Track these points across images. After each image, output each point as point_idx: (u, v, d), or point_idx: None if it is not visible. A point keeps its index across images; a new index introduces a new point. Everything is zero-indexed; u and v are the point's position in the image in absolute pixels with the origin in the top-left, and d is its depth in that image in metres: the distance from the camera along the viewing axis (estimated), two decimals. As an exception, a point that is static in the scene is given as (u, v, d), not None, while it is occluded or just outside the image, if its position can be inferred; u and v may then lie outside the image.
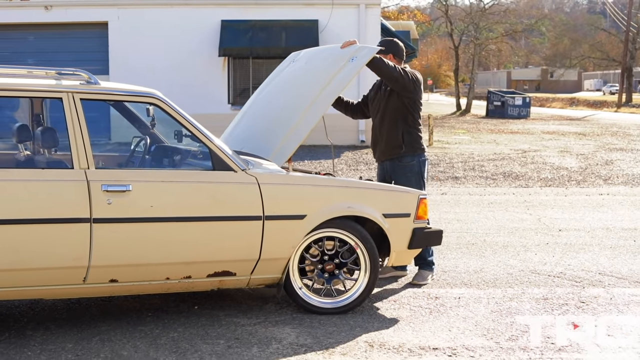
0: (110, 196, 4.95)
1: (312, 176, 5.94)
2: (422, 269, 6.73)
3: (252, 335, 5.19)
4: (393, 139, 6.66)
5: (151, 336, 5.15)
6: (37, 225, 4.81)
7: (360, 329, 5.39)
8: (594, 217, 10.37)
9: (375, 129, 6.87)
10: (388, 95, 6.65)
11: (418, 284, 6.61)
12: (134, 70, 19.62)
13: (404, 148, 6.65)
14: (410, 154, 6.67)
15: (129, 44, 20.64)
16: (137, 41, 20.64)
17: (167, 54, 20.68)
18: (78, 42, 21.13)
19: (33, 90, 5.11)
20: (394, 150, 6.68)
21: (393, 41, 6.86)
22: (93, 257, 4.94)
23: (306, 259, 5.67)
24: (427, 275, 6.70)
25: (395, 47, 6.75)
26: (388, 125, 6.68)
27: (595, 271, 7.16)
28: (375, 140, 6.88)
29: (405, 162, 6.68)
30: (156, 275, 5.21)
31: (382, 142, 6.76)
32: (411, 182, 6.56)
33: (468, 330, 5.38)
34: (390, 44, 6.77)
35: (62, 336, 5.11)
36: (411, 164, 6.67)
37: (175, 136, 5.89)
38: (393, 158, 6.71)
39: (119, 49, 20.75)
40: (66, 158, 5.09)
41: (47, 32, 21.16)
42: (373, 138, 6.93)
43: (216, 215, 5.26)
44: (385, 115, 6.69)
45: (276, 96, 6.71)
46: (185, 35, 20.76)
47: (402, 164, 6.68)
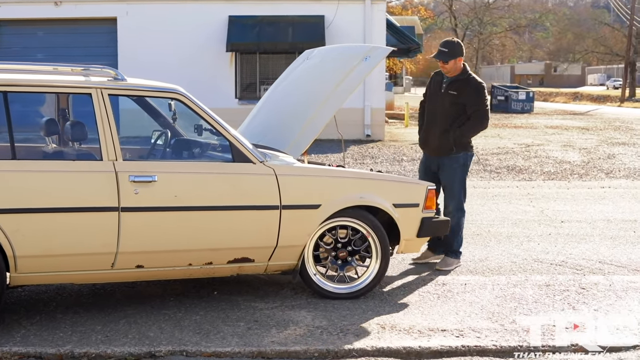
0: (137, 186, 5.26)
1: (326, 168, 6.24)
2: (447, 256, 7.07)
3: (270, 318, 5.50)
4: (446, 139, 6.94)
5: (175, 319, 5.46)
6: (68, 214, 5.13)
7: (372, 312, 5.70)
8: (595, 209, 10.63)
9: (429, 124, 7.12)
10: (450, 98, 6.94)
11: (441, 270, 6.94)
12: (142, 66, 19.72)
13: (455, 149, 6.95)
14: (462, 153, 7.00)
15: (137, 40, 20.76)
16: (145, 37, 20.76)
17: (175, 50, 20.80)
18: (87, 38, 21.22)
19: (64, 86, 5.40)
20: (443, 148, 6.98)
21: (453, 42, 7.03)
22: (121, 244, 5.25)
23: (320, 247, 5.98)
24: (452, 262, 7.04)
25: (459, 49, 6.97)
26: (442, 125, 6.96)
27: (595, 260, 7.45)
28: (427, 136, 7.14)
29: (455, 160, 7.00)
30: (179, 261, 5.52)
31: (434, 139, 7.04)
32: (456, 177, 6.98)
33: (474, 314, 5.69)
34: (454, 47, 6.94)
35: (90, 319, 5.42)
36: (460, 162, 7.01)
37: (195, 130, 6.18)
38: (442, 155, 7.02)
39: (128, 44, 20.87)
40: (95, 150, 5.41)
41: (57, 28, 21.22)
42: (425, 133, 7.18)
43: (236, 204, 5.57)
44: (442, 114, 6.98)
45: (291, 92, 7.01)
46: (193, 30, 20.88)
47: (451, 163, 7.01)
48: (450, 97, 6.93)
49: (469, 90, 6.92)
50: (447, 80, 7.00)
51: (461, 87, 6.92)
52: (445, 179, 7.06)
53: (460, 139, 6.90)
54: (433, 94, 7.13)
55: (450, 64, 6.91)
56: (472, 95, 6.92)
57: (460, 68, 6.96)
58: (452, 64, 6.90)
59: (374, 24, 20.82)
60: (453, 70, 6.95)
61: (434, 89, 7.12)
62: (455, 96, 6.91)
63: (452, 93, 6.92)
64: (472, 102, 6.90)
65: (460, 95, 6.90)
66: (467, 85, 6.93)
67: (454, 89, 6.93)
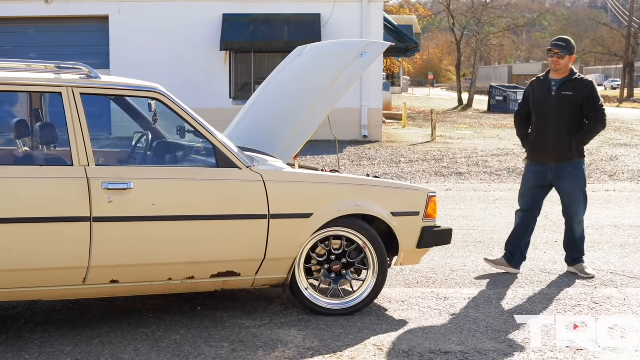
0: (111, 194, 4.79)
1: (319, 173, 5.78)
2: (580, 262, 6.90)
3: (257, 337, 5.04)
4: (566, 144, 6.62)
5: (153, 338, 5.00)
6: (35, 225, 4.67)
7: (368, 331, 5.23)
8: (601, 214, 10.21)
9: (542, 130, 6.78)
10: (565, 99, 6.64)
11: (582, 276, 6.76)
12: (135, 65, 19.41)
13: (575, 154, 6.67)
14: (582, 158, 6.76)
15: (129, 38, 20.46)
16: (138, 35, 20.46)
17: (169, 48, 20.51)
18: (79, 36, 20.95)
19: (31, 84, 4.95)
20: (563, 154, 6.66)
21: (569, 40, 6.80)
22: (93, 257, 4.78)
23: (312, 259, 5.51)
24: (585, 266, 6.86)
25: (574, 47, 6.75)
26: (560, 129, 6.65)
27: (606, 270, 7.00)
28: (542, 143, 6.77)
29: (577, 166, 6.70)
30: (158, 276, 5.06)
31: (552, 146, 6.69)
32: (580, 184, 6.71)
33: (479, 333, 5.23)
34: (570, 44, 6.73)
35: (61, 338, 4.96)
36: (581, 168, 6.74)
37: (178, 132, 5.74)
38: (562, 162, 6.69)
39: (120, 42, 20.57)
40: (65, 155, 4.93)
41: (48, 26, 20.95)
42: (539, 140, 6.81)
43: (220, 213, 5.10)
44: (558, 118, 6.66)
45: (282, 91, 6.55)
46: (186, 29, 20.58)
47: (574, 169, 6.70)
48: (565, 98, 6.64)
49: (585, 89, 6.68)
50: (558, 82, 6.71)
51: (576, 87, 6.67)
52: (569, 187, 6.75)
53: (582, 142, 6.67)
54: (540, 99, 6.79)
55: (565, 60, 6.67)
56: (589, 95, 6.67)
57: (569, 68, 6.74)
58: (566, 60, 6.67)
59: (371, 23, 20.46)
60: (564, 69, 6.71)
61: (541, 95, 6.80)
62: (570, 97, 6.64)
63: (567, 94, 6.64)
64: (590, 101, 6.65)
65: (576, 96, 6.63)
66: (582, 84, 6.71)
67: (568, 89, 6.66)
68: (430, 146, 19.94)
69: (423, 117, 33.15)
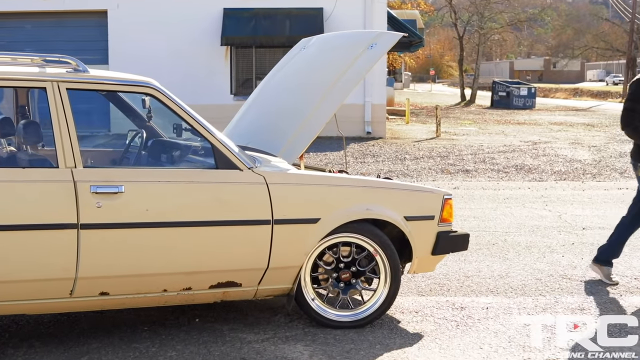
0: (100, 198, 4.38)
1: (327, 175, 5.35)
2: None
3: (260, 354, 4.62)
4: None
5: (147, 355, 4.59)
6: (17, 232, 4.25)
7: (380, 346, 4.81)
8: (616, 213, 9.73)
9: None
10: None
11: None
12: (134, 60, 19.07)
13: None
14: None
15: (128, 33, 20.14)
16: (137, 30, 20.14)
17: (168, 43, 20.19)
18: (77, 31, 20.65)
19: (13, 79, 4.52)
20: None
21: None
22: (81, 267, 4.37)
23: (319, 267, 5.09)
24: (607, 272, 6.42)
25: None
26: None
27: (630, 276, 6.59)
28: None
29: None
30: (152, 287, 4.64)
31: None
32: None
33: (501, 348, 4.81)
34: None
35: (47, 355, 4.57)
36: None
37: (174, 130, 5.33)
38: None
39: (119, 37, 20.25)
40: (51, 155, 4.52)
41: (45, 21, 20.66)
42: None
43: (219, 219, 4.68)
44: None
45: (286, 86, 6.13)
46: (186, 23, 20.24)
47: None
48: None
49: None
50: None
51: None
52: None
53: None
54: None
55: None
56: None
57: None
58: None
59: (374, 17, 20.09)
60: None
61: None
62: None
63: None
64: None
65: None
66: None
67: None
68: (435, 142, 19.54)
69: (426, 113, 32.77)
